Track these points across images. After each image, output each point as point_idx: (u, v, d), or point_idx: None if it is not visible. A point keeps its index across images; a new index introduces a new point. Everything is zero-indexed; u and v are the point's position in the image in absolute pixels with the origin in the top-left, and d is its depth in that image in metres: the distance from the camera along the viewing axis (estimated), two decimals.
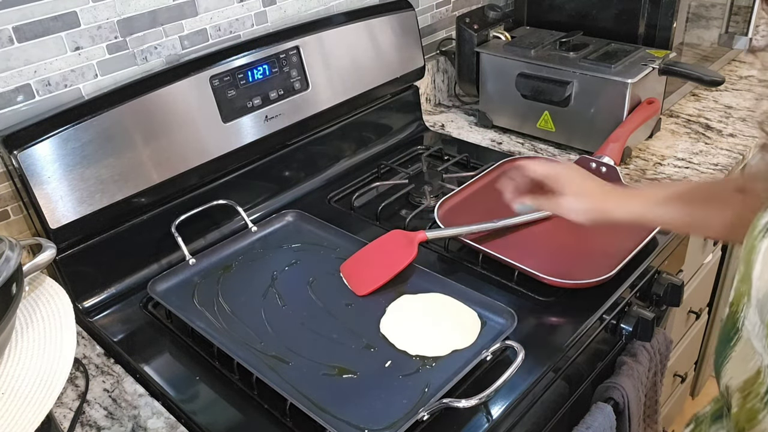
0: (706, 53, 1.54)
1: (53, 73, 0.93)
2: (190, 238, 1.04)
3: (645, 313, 0.95)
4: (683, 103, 1.48)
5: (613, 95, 1.22)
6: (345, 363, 0.82)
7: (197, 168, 1.03)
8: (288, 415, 0.76)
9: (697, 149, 1.29)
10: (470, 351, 0.82)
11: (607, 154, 1.14)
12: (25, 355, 0.54)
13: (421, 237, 0.97)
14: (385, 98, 1.35)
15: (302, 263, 1.01)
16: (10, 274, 0.52)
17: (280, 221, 1.11)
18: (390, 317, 0.89)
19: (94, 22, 0.95)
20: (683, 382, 1.54)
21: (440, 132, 1.44)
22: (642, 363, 1.00)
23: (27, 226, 0.96)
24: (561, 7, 1.47)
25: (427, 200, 1.15)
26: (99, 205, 0.93)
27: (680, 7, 1.30)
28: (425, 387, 0.77)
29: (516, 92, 1.34)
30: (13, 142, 0.85)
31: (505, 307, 0.86)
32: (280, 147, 1.17)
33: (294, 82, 1.13)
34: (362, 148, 1.33)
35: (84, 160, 0.90)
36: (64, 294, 0.61)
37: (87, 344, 0.92)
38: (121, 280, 0.99)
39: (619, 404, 0.94)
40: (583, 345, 0.88)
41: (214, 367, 0.85)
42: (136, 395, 0.83)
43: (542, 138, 1.36)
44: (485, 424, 0.75)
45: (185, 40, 1.06)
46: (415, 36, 1.33)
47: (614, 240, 0.99)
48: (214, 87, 1.02)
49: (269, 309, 0.92)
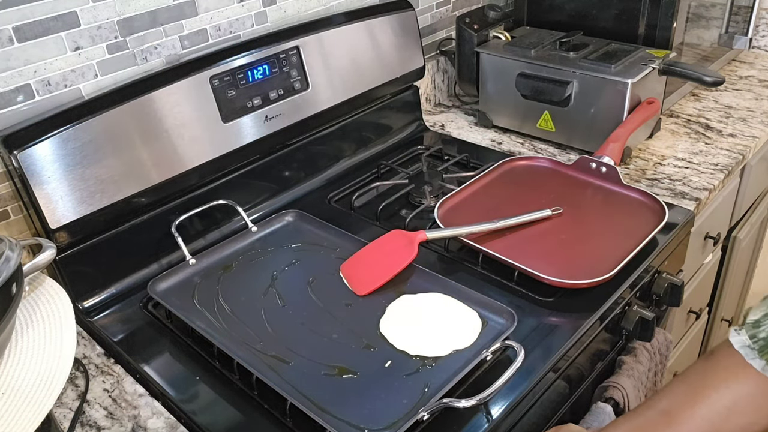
0: (706, 53, 1.54)
1: (53, 73, 0.93)
2: (190, 238, 1.04)
3: (645, 313, 0.95)
4: (683, 103, 1.48)
5: (613, 95, 1.22)
6: (345, 363, 0.82)
7: (197, 168, 1.03)
8: (288, 415, 0.76)
9: (697, 149, 1.29)
10: (470, 351, 0.82)
11: (607, 154, 1.14)
12: (25, 355, 0.54)
13: (421, 237, 0.97)
14: (385, 98, 1.35)
15: (302, 263, 1.01)
16: (10, 274, 0.52)
17: (280, 221, 1.11)
18: (390, 317, 0.89)
19: (94, 22, 0.95)
20: None
21: (440, 132, 1.44)
22: (642, 363, 1.00)
23: (27, 226, 0.96)
24: (561, 7, 1.47)
25: (427, 200, 1.15)
26: (99, 205, 0.93)
27: (680, 7, 1.30)
28: (425, 387, 0.77)
29: (516, 92, 1.34)
30: (13, 142, 0.85)
31: (505, 307, 0.86)
32: (280, 147, 1.17)
33: (294, 82, 1.13)
34: (362, 148, 1.33)
35: (84, 160, 0.90)
36: (64, 294, 0.61)
37: (87, 344, 0.92)
38: (121, 280, 0.99)
39: (620, 404, 0.94)
40: (583, 345, 0.88)
41: (214, 367, 0.85)
42: (136, 395, 0.83)
43: (542, 138, 1.36)
44: (485, 424, 0.75)
45: (185, 40, 1.06)
46: (415, 36, 1.33)
47: (614, 240, 0.99)
48: (214, 87, 1.02)
49: (269, 309, 0.92)
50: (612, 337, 0.97)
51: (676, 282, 1.03)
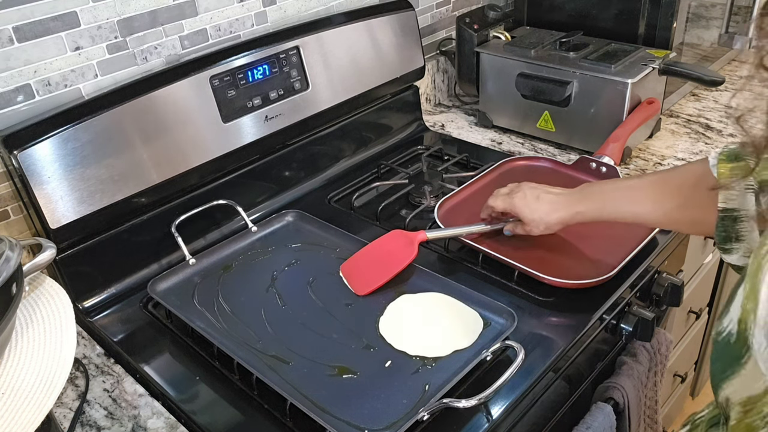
0: (706, 53, 1.54)
1: (53, 73, 0.93)
2: (190, 238, 1.04)
3: (645, 313, 0.95)
4: (683, 103, 1.48)
5: (613, 95, 1.22)
6: (345, 363, 0.82)
7: (197, 168, 1.03)
8: (288, 415, 0.76)
9: (697, 149, 1.29)
10: (470, 351, 0.82)
11: (607, 154, 1.14)
12: (25, 355, 0.54)
13: (421, 237, 0.97)
14: (385, 98, 1.35)
15: (302, 263, 1.01)
16: (10, 274, 0.52)
17: (280, 221, 1.11)
18: (390, 317, 0.89)
19: (94, 22, 0.95)
20: (683, 382, 1.54)
21: (440, 132, 1.44)
22: (642, 363, 1.00)
23: (27, 226, 0.96)
24: (561, 7, 1.47)
25: (427, 200, 1.15)
26: (99, 205, 0.93)
27: (680, 7, 1.30)
28: (425, 387, 0.77)
29: (516, 92, 1.34)
30: (13, 142, 0.85)
31: (505, 307, 0.86)
32: (280, 147, 1.17)
33: (294, 82, 1.13)
34: (362, 148, 1.33)
35: (84, 160, 0.90)
36: (64, 294, 0.61)
37: (87, 344, 0.92)
38: (121, 280, 0.99)
39: (619, 404, 0.94)
40: (583, 345, 0.88)
41: (214, 367, 0.85)
42: (136, 395, 0.83)
43: (542, 138, 1.36)
44: (485, 424, 0.75)
45: (185, 40, 1.06)
46: (415, 36, 1.33)
47: (614, 240, 0.99)
48: (214, 87, 1.02)
49: (269, 309, 0.92)
50: (612, 337, 0.97)
51: (676, 282, 1.03)
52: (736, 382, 0.51)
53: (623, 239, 0.98)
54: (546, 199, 0.91)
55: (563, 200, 0.91)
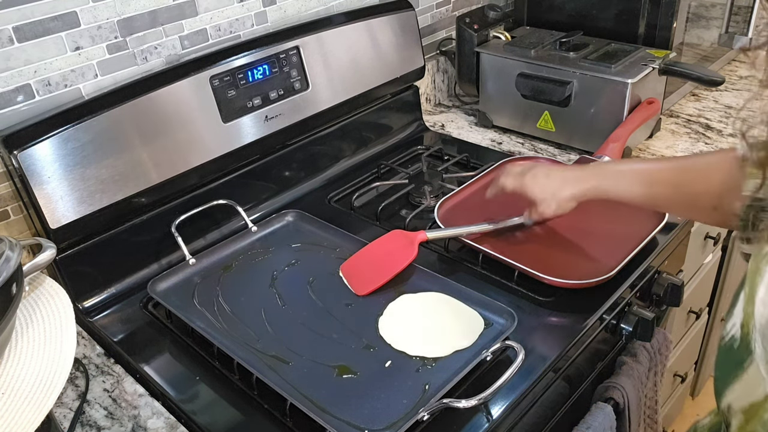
0: (706, 53, 1.54)
1: (53, 73, 0.93)
2: (190, 238, 1.04)
3: (645, 313, 0.95)
4: (683, 103, 1.48)
5: (613, 95, 1.22)
6: (345, 363, 0.82)
7: (197, 168, 1.03)
8: (288, 415, 0.76)
9: (697, 149, 1.29)
10: (470, 351, 0.82)
11: (607, 154, 1.14)
12: (25, 355, 0.54)
13: (422, 237, 0.97)
14: (385, 98, 1.35)
15: (302, 263, 1.01)
16: (10, 274, 0.52)
17: (280, 221, 1.11)
18: (390, 317, 0.89)
19: (94, 22, 0.95)
20: (683, 382, 1.54)
21: (440, 132, 1.44)
22: (642, 363, 1.00)
23: (27, 226, 0.96)
24: (561, 7, 1.47)
25: (427, 200, 1.15)
26: (99, 205, 0.93)
27: (680, 7, 1.30)
28: (425, 387, 0.77)
29: (516, 92, 1.34)
30: (13, 142, 0.85)
31: (505, 307, 0.86)
32: (280, 147, 1.17)
33: (294, 82, 1.13)
34: (362, 148, 1.33)
35: (84, 160, 0.90)
36: (64, 294, 0.61)
37: (87, 344, 0.92)
38: (121, 280, 0.99)
39: (619, 404, 0.94)
40: (583, 345, 0.88)
41: (214, 367, 0.85)
42: (136, 395, 0.83)
43: (542, 138, 1.36)
44: (485, 424, 0.75)
45: (185, 40, 1.06)
46: (415, 36, 1.33)
47: (614, 240, 0.99)
48: (214, 87, 1.02)
49: (269, 309, 0.92)
50: (612, 337, 0.97)
51: (676, 282, 1.03)
52: (738, 388, 0.51)
53: (623, 239, 0.98)
54: (556, 176, 0.91)
55: (575, 175, 0.90)
